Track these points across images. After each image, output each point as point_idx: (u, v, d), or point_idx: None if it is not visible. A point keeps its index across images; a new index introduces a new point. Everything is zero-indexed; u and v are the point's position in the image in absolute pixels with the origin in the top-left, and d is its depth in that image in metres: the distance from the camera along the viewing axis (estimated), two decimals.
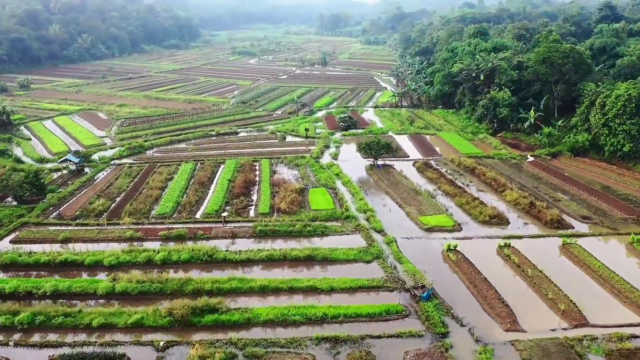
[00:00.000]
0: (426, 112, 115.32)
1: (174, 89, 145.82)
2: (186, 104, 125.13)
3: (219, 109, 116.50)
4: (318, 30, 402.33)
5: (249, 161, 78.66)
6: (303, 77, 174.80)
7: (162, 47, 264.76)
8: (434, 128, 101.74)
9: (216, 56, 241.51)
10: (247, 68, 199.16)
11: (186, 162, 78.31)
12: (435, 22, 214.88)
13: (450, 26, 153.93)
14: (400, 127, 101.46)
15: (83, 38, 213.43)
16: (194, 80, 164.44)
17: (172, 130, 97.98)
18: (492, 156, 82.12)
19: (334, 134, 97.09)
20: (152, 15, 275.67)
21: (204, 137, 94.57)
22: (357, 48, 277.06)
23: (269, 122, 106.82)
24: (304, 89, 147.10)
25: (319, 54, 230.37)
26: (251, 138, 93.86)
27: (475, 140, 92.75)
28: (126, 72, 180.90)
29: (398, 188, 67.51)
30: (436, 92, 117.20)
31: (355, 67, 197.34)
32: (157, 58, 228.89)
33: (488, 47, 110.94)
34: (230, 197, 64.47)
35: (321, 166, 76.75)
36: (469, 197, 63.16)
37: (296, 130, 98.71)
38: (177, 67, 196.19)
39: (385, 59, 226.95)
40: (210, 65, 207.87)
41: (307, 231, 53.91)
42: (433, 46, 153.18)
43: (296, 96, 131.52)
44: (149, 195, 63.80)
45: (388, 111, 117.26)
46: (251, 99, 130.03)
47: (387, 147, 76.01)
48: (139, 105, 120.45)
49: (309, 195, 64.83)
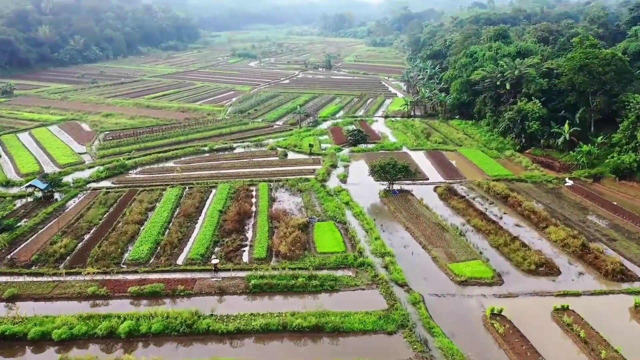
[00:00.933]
0: (442, 124, 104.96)
1: (167, 96, 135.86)
2: (179, 113, 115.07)
3: (214, 120, 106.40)
4: (321, 31, 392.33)
5: (245, 185, 68.51)
6: (306, 82, 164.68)
7: (159, 48, 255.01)
8: (453, 143, 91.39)
9: (215, 58, 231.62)
10: (247, 71, 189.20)
11: (172, 186, 68.17)
12: (446, 23, 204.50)
13: (465, 28, 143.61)
14: (415, 141, 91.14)
15: (75, 40, 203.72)
16: (189, 85, 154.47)
17: (160, 145, 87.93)
18: (524, 179, 71.72)
19: (341, 149, 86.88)
20: (150, 15, 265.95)
21: (195, 154, 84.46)
22: (362, 50, 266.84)
23: (268, 134, 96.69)
24: (308, 95, 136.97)
25: (323, 57, 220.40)
26: (248, 155, 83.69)
27: (502, 158, 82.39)
28: (119, 76, 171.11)
29: (419, 222, 57.24)
30: (453, 100, 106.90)
31: (362, 71, 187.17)
32: (153, 60, 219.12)
33: (511, 51, 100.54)
34: (221, 234, 54.32)
35: (328, 192, 66.51)
36: (506, 236, 52.83)
37: (299, 145, 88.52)
38: (173, 71, 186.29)
39: (393, 61, 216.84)
40: (209, 68, 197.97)
41: (312, 285, 43.65)
42: (446, 49, 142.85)
43: (299, 105, 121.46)
44: (124, 232, 53.69)
45: (400, 122, 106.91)
46: (250, 107, 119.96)
47: (405, 171, 65.70)
48: (127, 115, 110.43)
49: (314, 231, 54.59)
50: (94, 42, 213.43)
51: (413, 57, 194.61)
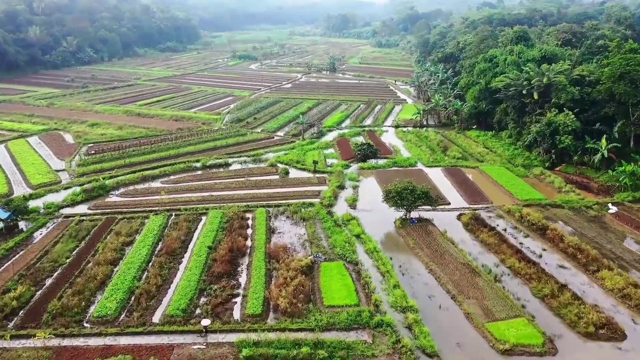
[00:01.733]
0: (459, 135, 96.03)
1: (161, 102, 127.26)
2: (172, 122, 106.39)
3: (209, 131, 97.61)
4: (325, 31, 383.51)
5: (240, 211, 59.76)
6: (309, 86, 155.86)
7: (157, 50, 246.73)
8: (473, 158, 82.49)
9: (215, 60, 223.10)
10: (248, 75, 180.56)
11: (156, 213, 59.46)
12: (456, 24, 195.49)
13: (479, 29, 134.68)
14: (431, 156, 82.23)
15: (68, 41, 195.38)
16: (186, 90, 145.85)
17: (148, 161, 79.31)
18: (560, 204, 62.72)
19: (349, 166, 78.08)
20: (147, 15, 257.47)
21: (186, 171, 75.76)
22: (367, 51, 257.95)
23: (268, 147, 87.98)
24: (311, 101, 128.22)
25: (327, 59, 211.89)
26: (245, 173, 74.87)
27: (530, 176, 73.44)
28: (112, 79, 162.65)
29: (445, 261, 48.40)
30: (470, 109, 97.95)
31: (368, 74, 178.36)
32: (150, 63, 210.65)
33: (536, 56, 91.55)
34: (209, 278, 45.57)
35: (335, 221, 57.68)
36: (552, 284, 43.94)
37: (302, 161, 79.75)
38: (169, 74, 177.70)
39: (400, 64, 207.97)
40: (207, 71, 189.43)
41: (319, 358, 34.85)
42: (459, 52, 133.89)
43: (301, 113, 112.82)
44: (93, 277, 44.98)
45: (413, 133, 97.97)
46: (249, 115, 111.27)
47: (425, 197, 56.83)
48: (115, 125, 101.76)
49: (320, 275, 45.79)
50: (88, 44, 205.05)
51: (422, 60, 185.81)
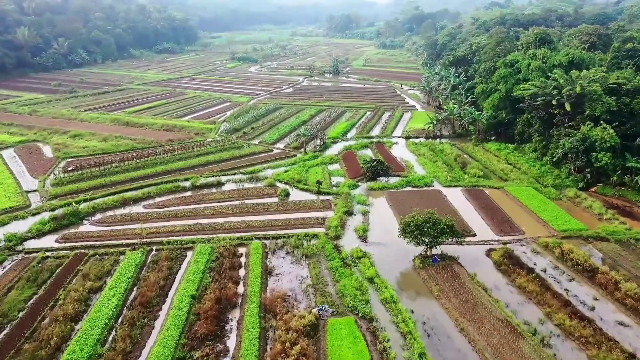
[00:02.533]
0: (477, 148, 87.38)
1: (152, 109, 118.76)
2: (162, 132, 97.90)
3: (202, 143, 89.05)
4: (327, 32, 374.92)
5: (232, 245, 51.28)
6: (312, 91, 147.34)
7: (153, 51, 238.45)
8: (496, 176, 73.87)
9: (213, 62, 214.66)
10: (246, 78, 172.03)
11: (134, 248, 50.98)
12: (466, 25, 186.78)
13: (494, 30, 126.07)
14: (449, 174, 73.56)
15: (59, 42, 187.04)
16: (180, 95, 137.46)
17: (131, 180, 70.88)
18: (604, 236, 54.04)
19: (356, 185, 69.52)
20: (143, 16, 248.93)
21: (172, 192, 67.26)
22: (371, 53, 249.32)
23: (266, 162, 79.48)
24: (314, 108, 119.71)
25: (329, 60, 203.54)
26: (240, 194, 66.32)
27: (563, 199, 64.76)
28: (103, 83, 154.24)
29: (479, 318, 39.80)
30: (488, 118, 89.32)
31: (373, 77, 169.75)
32: (145, 65, 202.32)
33: (563, 61, 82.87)
34: (190, 342, 37.01)
35: (344, 259, 49.10)
36: (618, 353, 35.34)
37: (304, 180, 71.21)
38: (164, 77, 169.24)
39: (406, 66, 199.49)
40: (204, 74, 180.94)
41: None
42: (472, 55, 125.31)
43: (303, 121, 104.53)
44: (46, 340, 36.54)
45: (425, 145, 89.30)
46: (246, 124, 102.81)
47: (450, 231, 48.19)
48: (100, 135, 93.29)
49: (326, 338, 37.28)
50: (81, 45, 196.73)
51: (430, 62, 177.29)
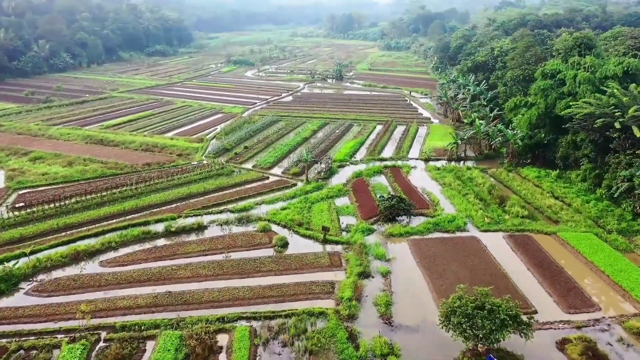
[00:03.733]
0: (512, 174, 73.54)
1: (133, 122, 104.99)
2: (140, 153, 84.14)
3: (184, 169, 75.20)
4: (328, 32, 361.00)
5: (208, 331, 37.48)
6: (314, 99, 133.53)
7: (144, 54, 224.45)
8: (543, 215, 60.08)
9: (207, 66, 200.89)
10: (242, 84, 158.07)
11: (73, 339, 37.16)
12: (480, 26, 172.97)
13: (519, 33, 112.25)
14: (484, 212, 59.58)
15: (40, 45, 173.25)
16: (167, 104, 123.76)
17: (92, 222, 57.14)
18: None
19: (372, 230, 55.81)
20: (134, 16, 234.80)
21: (140, 241, 53.46)
22: (376, 55, 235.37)
23: (261, 194, 65.76)
24: (316, 121, 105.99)
25: (332, 63, 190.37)
26: (225, 244, 52.54)
27: (637, 251, 50.97)
28: (84, 91, 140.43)
29: None
30: (523, 138, 75.56)
31: (380, 83, 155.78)
32: (133, 69, 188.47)
33: (616, 71, 69.12)
34: None
35: (364, 357, 35.29)
36: None
37: (306, 221, 57.48)
38: (152, 84, 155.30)
39: (414, 70, 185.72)
40: (197, 79, 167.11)
41: None
42: (494, 60, 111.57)
43: (304, 138, 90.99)
44: None
45: (449, 170, 75.41)
46: (239, 141, 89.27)
47: (514, 322, 34.35)
48: (65, 158, 79.39)
49: None
50: (64, 48, 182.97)
51: (441, 67, 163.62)
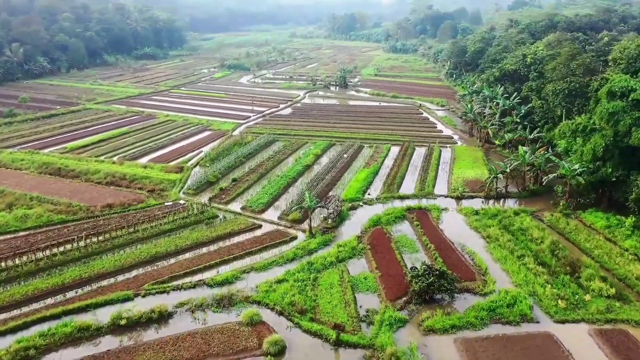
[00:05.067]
0: (572, 221, 57.51)
1: (104, 143, 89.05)
2: (102, 188, 67.99)
3: (152, 215, 59.17)
4: (329, 33, 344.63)
5: None
6: (316, 112, 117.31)
7: (131, 57, 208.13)
8: (633, 291, 44.18)
9: (198, 71, 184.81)
10: (235, 92, 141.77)
11: None
12: (499, 28, 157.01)
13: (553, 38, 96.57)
14: (554, 291, 43.53)
15: (12, 49, 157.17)
16: (148, 119, 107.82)
17: (16, 304, 41.24)
18: None
19: (402, 321, 39.85)
20: (121, 16, 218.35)
21: (74, 342, 37.44)
22: (382, 59, 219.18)
23: (249, 254, 49.91)
24: (320, 141, 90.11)
25: (334, 67, 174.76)
26: (196, 347, 36.64)
27: None
28: (55, 102, 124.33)
29: None
30: (586, 174, 59.57)
31: (389, 92, 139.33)
32: (117, 74, 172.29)
33: None
34: None
35: None
36: None
37: (311, 305, 41.50)
38: (135, 92, 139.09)
39: (425, 76, 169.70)
40: (185, 86, 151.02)
41: None
42: (526, 69, 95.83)
43: (306, 165, 75.09)
44: None
45: (491, 216, 59.15)
46: (226, 170, 73.47)
47: None
48: (7, 197, 63.14)
49: None
50: (41, 52, 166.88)
51: (456, 73, 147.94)
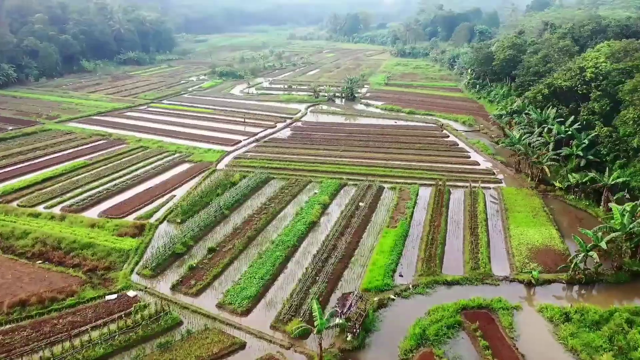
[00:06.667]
0: None
1: (46, 184, 69.41)
2: (23, 267, 47.77)
3: (83, 319, 39.51)
4: (331, 34, 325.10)
5: None
6: (320, 134, 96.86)
7: (114, 62, 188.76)
8: None
9: (186, 78, 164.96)
10: (225, 107, 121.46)
11: None
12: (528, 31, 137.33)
13: (621, 46, 77.32)
14: None
15: None
16: (116, 144, 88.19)
17: None
18: None
19: None
20: (103, 17, 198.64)
21: None
22: (390, 64, 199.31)
23: None
24: (327, 179, 70.34)
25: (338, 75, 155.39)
26: None
27: None
28: (11, 120, 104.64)
29: None
30: None
31: (405, 106, 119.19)
32: (93, 84, 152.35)
33: None
34: None
35: None
36: None
37: None
38: (108, 107, 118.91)
39: (443, 85, 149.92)
40: (169, 99, 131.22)
41: None
42: (585, 86, 76.27)
43: (309, 222, 55.47)
44: None
45: (591, 325, 39.44)
46: (200, 231, 53.80)
47: None
48: None
49: None
50: (6, 58, 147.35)
51: (480, 84, 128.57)
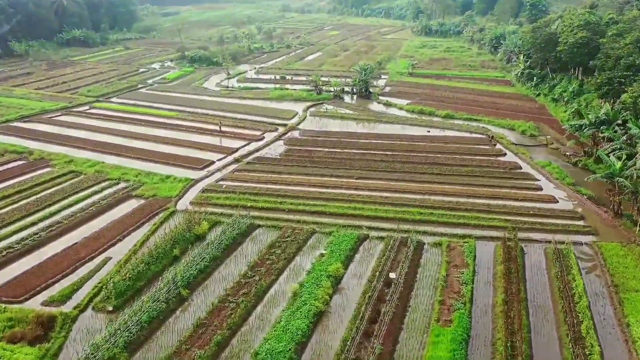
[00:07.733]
0: None
1: None
2: None
3: None
4: (334, 6, 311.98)
5: None
6: (324, 152, 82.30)
7: (54, 44, 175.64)
8: None
9: (146, 65, 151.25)
10: (195, 107, 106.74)
11: None
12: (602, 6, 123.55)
13: None
14: None
15: None
16: (37, 168, 74.23)
17: None
18: None
19: None
20: None
21: None
22: (414, 45, 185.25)
23: None
24: (338, 230, 56.34)
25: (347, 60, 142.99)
26: None
27: None
28: None
29: None
30: None
31: (440, 107, 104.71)
32: (21, 75, 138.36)
33: None
34: None
35: None
36: None
37: None
38: (35, 108, 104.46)
39: (485, 75, 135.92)
40: (120, 95, 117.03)
41: None
42: None
43: (312, 316, 41.36)
44: None
45: None
46: (142, 330, 39.87)
47: None
48: None
49: None
50: None
51: (539, 76, 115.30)
